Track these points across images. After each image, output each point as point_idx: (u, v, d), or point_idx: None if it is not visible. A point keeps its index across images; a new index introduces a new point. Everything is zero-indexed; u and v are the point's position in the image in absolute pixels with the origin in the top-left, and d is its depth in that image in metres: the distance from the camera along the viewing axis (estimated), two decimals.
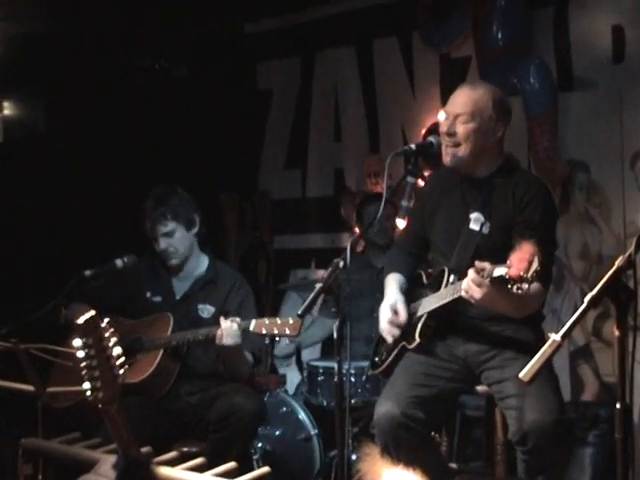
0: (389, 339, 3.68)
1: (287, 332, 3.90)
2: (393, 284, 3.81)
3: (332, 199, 6.96)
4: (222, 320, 4.01)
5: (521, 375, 2.38)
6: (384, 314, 3.69)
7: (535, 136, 5.51)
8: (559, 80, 5.65)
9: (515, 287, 3.00)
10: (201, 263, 4.47)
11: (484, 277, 3.13)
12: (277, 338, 4.02)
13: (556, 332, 2.35)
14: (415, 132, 6.32)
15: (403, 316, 3.65)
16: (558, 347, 2.35)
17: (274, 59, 7.33)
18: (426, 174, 5.71)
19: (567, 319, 2.36)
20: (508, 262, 3.00)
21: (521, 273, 2.93)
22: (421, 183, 5.54)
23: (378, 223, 5.32)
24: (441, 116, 5.96)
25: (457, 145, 3.55)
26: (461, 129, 3.54)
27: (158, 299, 4.40)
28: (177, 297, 4.41)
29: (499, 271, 3.05)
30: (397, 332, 3.65)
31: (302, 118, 7.19)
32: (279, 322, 3.92)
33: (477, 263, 3.18)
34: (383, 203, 3.42)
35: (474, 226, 3.55)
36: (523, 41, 5.67)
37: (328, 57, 7.04)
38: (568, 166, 5.54)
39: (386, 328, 3.67)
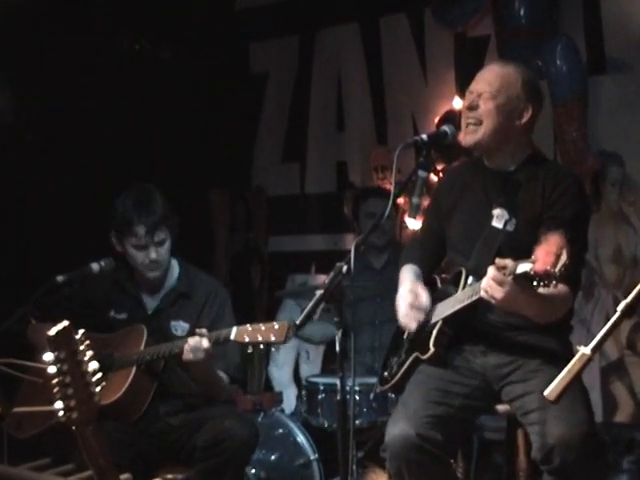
0: (413, 326, 3.63)
1: (272, 339, 3.89)
2: (408, 273, 3.82)
3: (334, 196, 6.96)
4: (190, 338, 4.01)
5: (546, 393, 2.38)
6: (403, 299, 3.68)
7: (562, 125, 5.51)
8: (589, 62, 5.66)
9: (541, 284, 2.99)
10: (172, 272, 4.45)
11: (506, 275, 3.13)
12: (261, 346, 4.00)
13: (585, 345, 2.35)
14: (427, 121, 6.33)
15: (425, 298, 3.65)
16: (588, 362, 2.35)
17: (269, 39, 7.33)
18: (439, 168, 5.72)
19: (598, 330, 2.36)
20: (533, 256, 2.99)
21: (548, 267, 2.92)
22: (434, 178, 5.57)
23: (376, 221, 5.34)
24: (456, 103, 6.02)
25: (478, 123, 3.57)
26: (484, 105, 3.55)
27: (123, 316, 4.36)
28: (149, 312, 4.39)
29: (523, 267, 3.04)
30: (422, 316, 3.62)
31: (301, 105, 7.20)
32: (263, 328, 3.91)
33: (498, 260, 3.17)
34: (392, 201, 3.42)
35: (497, 223, 3.55)
36: (549, 18, 5.67)
37: (329, 36, 7.04)
38: (599, 158, 5.54)
39: (408, 313, 3.64)
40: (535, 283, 3.01)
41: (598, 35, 5.66)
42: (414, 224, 6.16)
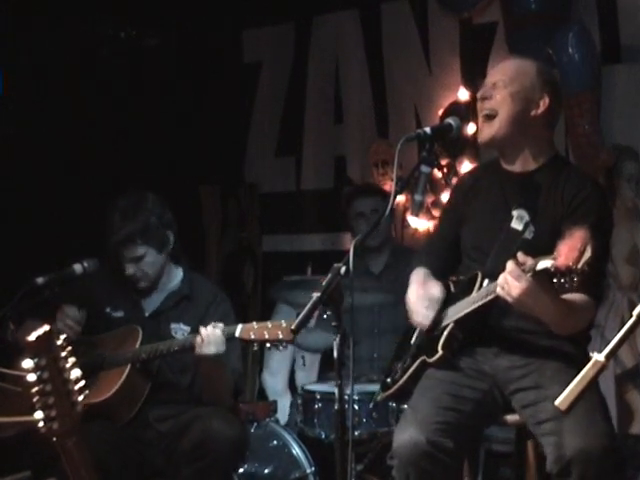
0: (427, 321, 3.64)
1: (280, 336, 3.92)
2: (416, 275, 3.83)
3: (332, 192, 6.96)
4: (202, 328, 4.03)
5: (557, 402, 2.38)
6: (413, 293, 3.70)
7: (574, 117, 5.51)
8: (603, 51, 5.65)
9: (562, 281, 2.99)
10: (174, 276, 4.50)
11: (526, 270, 3.14)
12: (267, 345, 4.01)
13: (599, 351, 2.35)
14: (431, 113, 6.32)
15: (437, 290, 3.66)
16: (601, 369, 2.34)
17: (263, 26, 7.33)
18: (443, 163, 5.72)
19: (612, 336, 2.36)
20: (555, 252, 3.00)
21: (570, 263, 2.93)
22: (437, 174, 5.58)
23: (368, 221, 5.36)
24: (462, 93, 6.02)
25: (494, 114, 3.60)
26: (499, 94, 3.60)
27: (120, 314, 4.40)
28: (146, 314, 4.41)
29: (544, 263, 3.06)
30: (435, 308, 3.63)
31: (296, 96, 7.19)
32: (270, 326, 3.95)
33: (519, 254, 3.19)
34: (393, 198, 3.41)
35: (516, 225, 3.56)
36: (560, 4, 5.67)
37: (327, 23, 7.04)
38: (613, 153, 5.54)
39: (419, 310, 3.65)
40: (556, 280, 3.01)
41: (613, 22, 5.66)
42: (417, 222, 6.17)
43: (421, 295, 3.68)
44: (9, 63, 6.15)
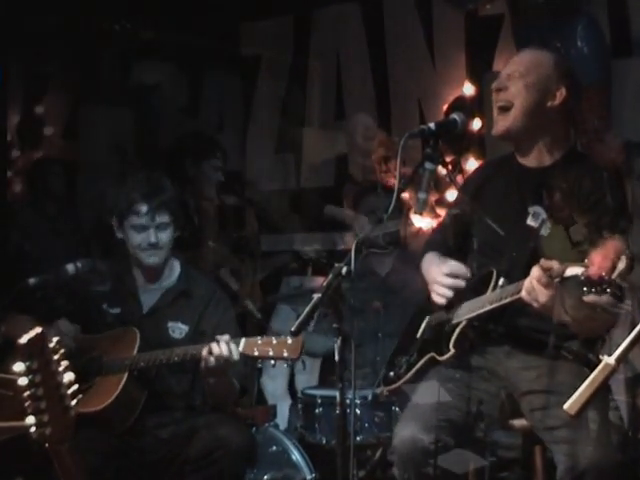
0: (446, 295, 3.64)
1: (285, 354, 3.89)
2: (432, 256, 3.81)
3: (333, 191, 6.95)
4: (214, 346, 3.98)
5: (566, 407, 2.37)
6: (437, 270, 3.68)
7: (583, 112, 5.50)
8: (613, 44, 5.65)
9: (592, 290, 2.98)
10: (172, 270, 4.50)
11: (553, 277, 3.14)
12: (272, 362, 3.99)
13: (609, 354, 2.34)
14: (435, 108, 6.33)
15: (461, 268, 3.64)
16: (612, 373, 2.34)
17: (261, 18, 7.32)
18: (448, 160, 5.70)
19: (622, 338, 2.36)
20: (587, 260, 2.99)
21: (603, 273, 2.92)
22: (442, 171, 5.57)
23: (379, 217, 5.34)
24: (467, 88, 6.01)
25: (508, 108, 3.61)
26: (514, 85, 3.61)
27: (116, 311, 4.40)
28: (144, 311, 4.40)
29: (573, 270, 3.05)
30: (462, 283, 3.63)
31: (296, 92, 7.18)
32: (275, 342, 3.91)
33: (544, 261, 3.18)
34: (395, 195, 3.41)
35: (532, 222, 3.57)
36: None
37: (327, 16, 7.04)
38: (624, 149, 5.53)
39: (445, 281, 3.63)
40: (585, 289, 3.00)
41: (623, 14, 5.66)
42: (420, 221, 6.16)
43: (443, 270, 3.65)
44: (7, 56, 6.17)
